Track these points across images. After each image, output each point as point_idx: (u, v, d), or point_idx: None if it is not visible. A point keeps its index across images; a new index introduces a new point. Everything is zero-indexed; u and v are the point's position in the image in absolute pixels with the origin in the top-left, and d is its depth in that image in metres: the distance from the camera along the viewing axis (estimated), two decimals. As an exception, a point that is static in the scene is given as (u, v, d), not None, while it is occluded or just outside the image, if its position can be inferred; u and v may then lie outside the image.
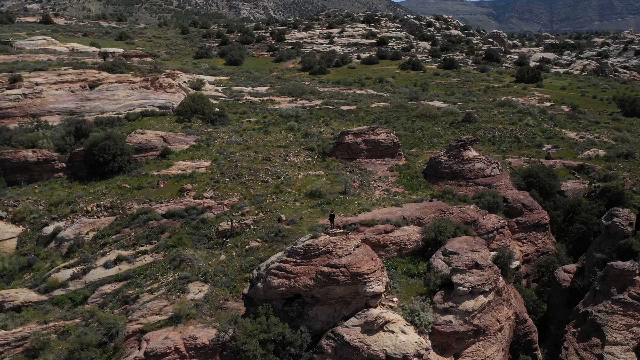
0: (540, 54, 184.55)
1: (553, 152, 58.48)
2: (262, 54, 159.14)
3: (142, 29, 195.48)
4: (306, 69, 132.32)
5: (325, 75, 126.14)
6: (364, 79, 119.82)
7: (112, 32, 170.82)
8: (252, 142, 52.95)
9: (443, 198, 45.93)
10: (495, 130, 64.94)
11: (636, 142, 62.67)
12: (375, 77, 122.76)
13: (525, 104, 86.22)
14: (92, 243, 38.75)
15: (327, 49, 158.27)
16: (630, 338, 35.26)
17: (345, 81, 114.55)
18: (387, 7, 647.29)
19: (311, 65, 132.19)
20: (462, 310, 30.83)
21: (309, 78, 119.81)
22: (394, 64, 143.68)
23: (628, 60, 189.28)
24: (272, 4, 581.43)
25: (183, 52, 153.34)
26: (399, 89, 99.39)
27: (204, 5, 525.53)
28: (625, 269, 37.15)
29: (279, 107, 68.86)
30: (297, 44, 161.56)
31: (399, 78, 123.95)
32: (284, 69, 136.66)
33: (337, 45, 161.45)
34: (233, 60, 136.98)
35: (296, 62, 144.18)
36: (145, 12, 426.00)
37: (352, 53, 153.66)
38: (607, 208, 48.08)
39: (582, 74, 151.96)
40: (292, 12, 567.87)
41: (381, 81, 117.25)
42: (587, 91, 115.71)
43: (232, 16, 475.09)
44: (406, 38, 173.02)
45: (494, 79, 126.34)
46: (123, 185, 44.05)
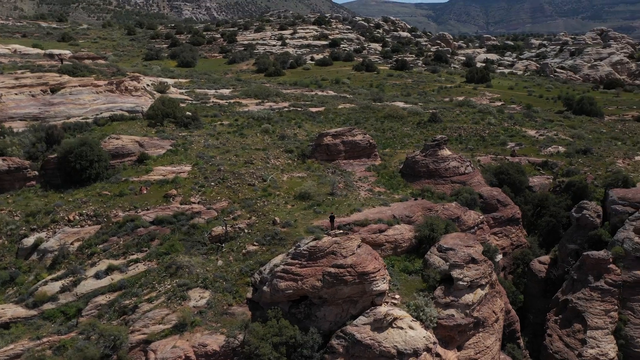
0: (484, 55, 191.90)
1: (517, 149, 61.34)
2: (215, 56, 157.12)
3: (85, 30, 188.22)
4: (261, 70, 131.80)
5: (281, 76, 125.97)
6: (321, 80, 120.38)
7: (53, 33, 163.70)
8: (230, 145, 52.51)
9: (422, 196, 47.29)
10: (460, 129, 67.31)
11: (590, 138, 66.67)
12: (331, 78, 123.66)
13: (479, 103, 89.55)
14: (78, 253, 37.38)
15: (280, 50, 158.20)
16: (609, 322, 37.74)
17: (302, 82, 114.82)
18: (330, 8, 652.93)
19: (266, 67, 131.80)
20: (463, 303, 32.06)
21: (265, 80, 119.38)
22: (347, 65, 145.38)
23: (564, 61, 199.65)
24: (215, 4, 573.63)
25: (131, 53, 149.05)
26: (357, 90, 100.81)
27: (145, 5, 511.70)
28: (600, 257, 39.65)
29: (248, 109, 68.48)
30: (249, 46, 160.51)
31: (354, 79, 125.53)
32: (239, 71, 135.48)
33: (290, 47, 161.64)
34: (185, 62, 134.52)
35: (250, 63, 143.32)
36: (82, 12, 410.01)
37: (306, 54, 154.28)
38: (573, 201, 51.10)
39: (525, 74, 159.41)
40: (235, 12, 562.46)
41: (337, 82, 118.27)
42: (533, 90, 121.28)
43: (174, 17, 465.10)
44: (357, 40, 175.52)
45: (446, 80, 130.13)
46: (103, 193, 42.67)
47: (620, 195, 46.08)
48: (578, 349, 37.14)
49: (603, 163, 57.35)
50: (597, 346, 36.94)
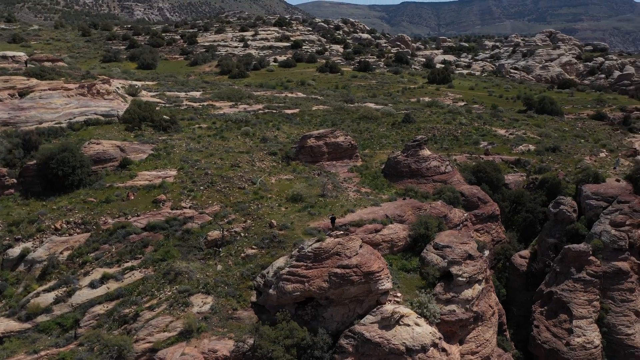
0: (441, 57, 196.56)
1: (490, 148, 63.38)
2: (175, 57, 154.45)
3: (36, 31, 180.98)
4: (224, 72, 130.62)
5: (245, 78, 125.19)
6: (286, 82, 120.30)
7: (2, 34, 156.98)
8: (213, 148, 52.01)
9: (407, 196, 48.26)
10: (434, 129, 68.94)
11: (557, 136, 69.62)
12: (296, 79, 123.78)
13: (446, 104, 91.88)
14: (69, 263, 36.24)
15: (242, 52, 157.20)
16: (593, 311, 39.70)
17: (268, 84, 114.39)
18: (285, 9, 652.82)
19: (229, 69, 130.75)
20: (463, 299, 33.07)
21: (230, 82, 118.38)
22: (311, 67, 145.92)
23: (517, 62, 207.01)
24: (168, 5, 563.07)
25: (87, 55, 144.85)
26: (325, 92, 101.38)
27: (94, 5, 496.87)
28: (581, 250, 41.64)
29: (223, 112, 67.91)
30: (211, 47, 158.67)
31: (319, 80, 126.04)
32: (201, 73, 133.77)
33: (253, 49, 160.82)
34: (146, 64, 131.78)
35: (212, 65, 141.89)
36: (28, 12, 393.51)
37: (269, 56, 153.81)
38: (548, 197, 53.36)
39: (482, 74, 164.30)
40: (189, 13, 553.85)
41: (303, 84, 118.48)
42: (493, 91, 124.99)
43: (126, 17, 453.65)
44: (319, 41, 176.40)
45: (408, 81, 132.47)
46: (89, 200, 41.49)
47: (593, 190, 48.46)
48: (565, 338, 38.94)
49: (572, 160, 60.08)
50: (583, 335, 38.84)
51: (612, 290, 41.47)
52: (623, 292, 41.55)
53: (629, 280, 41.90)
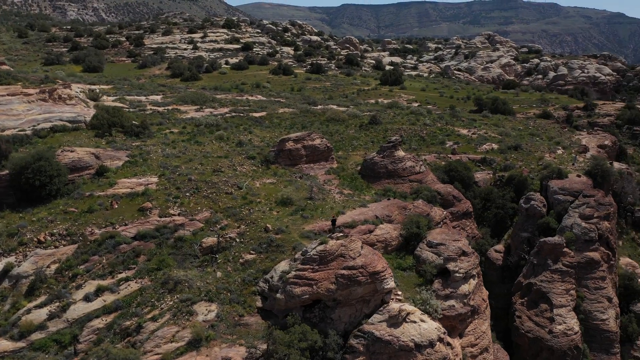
0: (389, 58, 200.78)
1: (456, 148, 65.73)
2: (122, 60, 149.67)
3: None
4: (176, 75, 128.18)
5: (198, 81, 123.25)
6: (240, 84, 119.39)
7: None
8: (190, 154, 51.17)
9: (386, 196, 49.42)
10: (401, 130, 70.68)
11: (515, 135, 73.05)
12: (250, 82, 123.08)
13: (405, 105, 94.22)
14: (58, 276, 34.75)
15: (192, 54, 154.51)
16: (570, 300, 42.17)
17: (223, 87, 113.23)
18: (226, 11, 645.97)
19: (181, 72, 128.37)
20: (461, 294, 34.38)
21: (183, 85, 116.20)
22: (263, 69, 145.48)
23: (460, 63, 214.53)
24: (103, 5, 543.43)
25: (27, 58, 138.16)
26: (282, 94, 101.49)
27: (23, 5, 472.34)
28: (556, 243, 44.13)
29: (190, 116, 66.83)
30: (159, 49, 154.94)
31: (274, 83, 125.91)
32: (152, 76, 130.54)
33: (202, 51, 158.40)
34: (92, 67, 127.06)
35: (163, 68, 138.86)
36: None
37: (220, 58, 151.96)
38: (516, 194, 56.07)
39: (430, 76, 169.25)
40: (125, 14, 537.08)
41: (258, 86, 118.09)
42: (444, 92, 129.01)
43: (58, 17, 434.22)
44: (269, 43, 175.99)
45: (362, 82, 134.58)
46: (70, 210, 39.88)
47: (560, 186, 51.38)
48: (548, 327, 41.17)
49: (533, 157, 63.34)
50: (563, 322, 41.22)
51: (586, 279, 44.27)
52: (596, 281, 44.46)
53: (601, 269, 44.86)
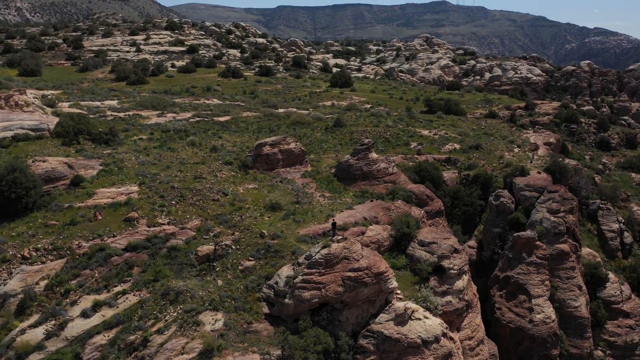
0: (333, 60, 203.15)
1: (421, 148, 67.88)
2: (61, 63, 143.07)
3: None
4: (121, 78, 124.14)
5: (146, 85, 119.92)
6: (191, 88, 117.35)
7: None
8: (166, 161, 50.09)
9: (363, 198, 50.49)
10: (365, 132, 72.08)
11: (473, 135, 76.25)
12: (200, 85, 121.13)
13: (363, 107, 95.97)
14: (49, 293, 33.21)
15: (136, 57, 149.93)
16: (546, 290, 44.81)
17: (172, 91, 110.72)
18: (159, 11, 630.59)
19: (127, 75, 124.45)
20: (456, 289, 35.85)
21: (130, 89, 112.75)
22: (212, 72, 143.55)
23: (401, 65, 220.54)
24: (27, 4, 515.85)
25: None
26: (235, 97, 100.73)
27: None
28: (530, 237, 46.74)
29: (154, 121, 65.28)
30: (100, 52, 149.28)
31: (225, 86, 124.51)
32: (95, 80, 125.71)
33: (147, 53, 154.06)
34: (29, 70, 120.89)
35: (106, 71, 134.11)
36: None
37: (165, 61, 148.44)
38: (482, 191, 58.69)
39: (376, 77, 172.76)
40: (52, 14, 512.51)
41: (209, 90, 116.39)
42: (393, 93, 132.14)
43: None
44: (214, 46, 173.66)
45: (312, 85, 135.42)
46: (50, 223, 38.12)
47: (525, 182, 54.34)
48: (528, 316, 43.56)
49: (494, 156, 66.48)
50: (542, 311, 43.74)
51: (558, 270, 47.14)
52: (567, 271, 47.43)
53: (570, 260, 47.90)
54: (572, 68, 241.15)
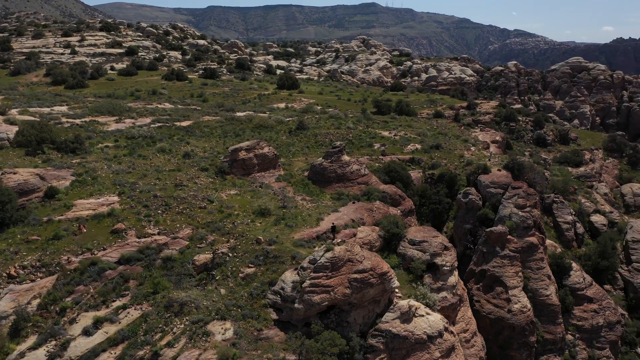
0: (275, 62, 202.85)
1: (385, 149, 69.62)
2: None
3: None
4: (58, 82, 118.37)
5: (86, 89, 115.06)
6: (135, 91, 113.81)
7: None
8: (141, 169, 48.66)
9: (340, 200, 51.40)
10: (329, 134, 72.99)
11: (430, 135, 79.01)
12: (144, 89, 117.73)
13: (321, 109, 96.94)
14: (43, 312, 31.61)
15: (71, 59, 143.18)
16: (520, 281, 47.50)
17: (116, 95, 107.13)
18: (83, 11, 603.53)
19: (64, 78, 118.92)
20: (450, 285, 37.42)
21: (70, 93, 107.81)
22: (154, 74, 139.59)
23: (342, 66, 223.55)
24: None
25: None
26: (185, 100, 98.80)
27: None
28: (502, 231, 49.35)
29: (114, 128, 63.09)
30: (32, 54, 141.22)
31: (170, 89, 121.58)
32: (29, 84, 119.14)
33: (83, 56, 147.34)
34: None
35: (40, 74, 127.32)
36: None
37: (104, 64, 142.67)
38: (448, 189, 61.11)
39: (320, 79, 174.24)
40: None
41: (155, 93, 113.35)
42: (340, 95, 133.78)
43: None
44: (154, 47, 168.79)
45: (259, 87, 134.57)
46: (32, 238, 36.17)
47: (490, 180, 57.21)
48: (506, 307, 46.02)
49: (454, 155, 69.33)
50: (519, 301, 46.34)
51: (528, 262, 50.06)
52: (537, 262, 50.45)
53: (539, 252, 51.00)
54: (500, 68, 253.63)
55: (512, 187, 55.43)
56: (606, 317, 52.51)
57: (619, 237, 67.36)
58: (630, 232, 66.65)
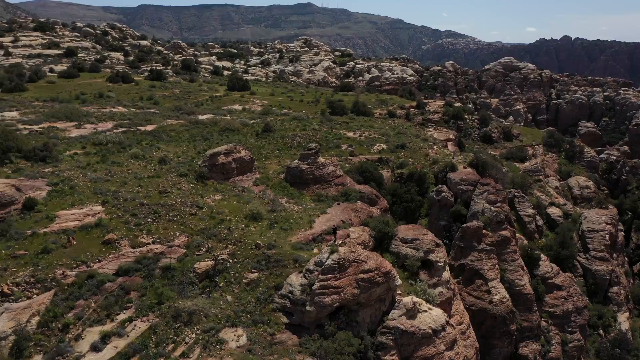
0: (220, 63, 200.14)
1: (353, 150, 70.75)
2: None
3: None
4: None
5: (26, 92, 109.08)
6: (80, 94, 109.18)
7: None
8: (119, 176, 47.11)
9: (319, 202, 52.03)
10: (296, 136, 73.29)
11: (392, 135, 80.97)
12: (90, 92, 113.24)
13: (280, 112, 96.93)
14: (45, 330, 30.14)
15: (5, 61, 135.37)
16: (497, 273, 49.88)
17: (60, 98, 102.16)
18: (4, 9, 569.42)
19: (1, 82, 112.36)
20: (445, 280, 38.90)
21: (8, 97, 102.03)
22: (97, 77, 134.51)
23: (286, 67, 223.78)
24: None
25: None
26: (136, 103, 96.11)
27: None
28: (477, 227, 51.61)
29: (77, 134, 60.64)
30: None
31: (117, 92, 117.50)
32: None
33: (18, 57, 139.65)
34: None
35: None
36: None
37: (42, 65, 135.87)
38: (418, 187, 63.05)
39: (268, 80, 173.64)
40: None
41: (102, 96, 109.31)
42: (292, 96, 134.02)
43: None
44: (94, 48, 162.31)
45: (209, 89, 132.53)
46: (19, 253, 34.36)
47: (460, 177, 59.59)
48: (487, 298, 48.19)
49: (420, 154, 71.51)
50: (498, 292, 48.66)
51: (503, 254, 52.63)
52: (511, 254, 53.13)
53: (512, 245, 53.73)
54: (439, 68, 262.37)
55: (481, 184, 58.07)
56: (574, 303, 56.22)
57: (574, 227, 72.11)
58: (585, 223, 71.55)
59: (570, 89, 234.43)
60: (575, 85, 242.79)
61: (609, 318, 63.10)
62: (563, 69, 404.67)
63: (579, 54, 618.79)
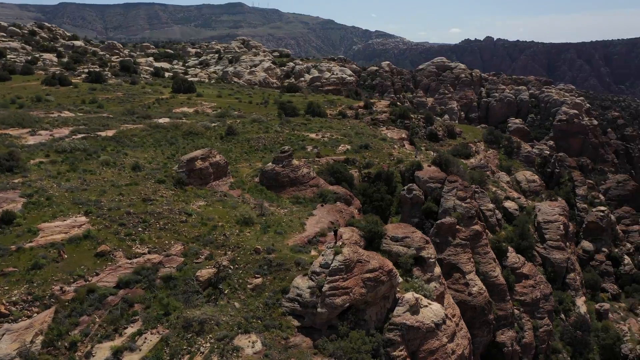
0: (158, 64, 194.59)
1: (319, 151, 71.44)
2: None
3: None
4: None
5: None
6: (16, 98, 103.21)
7: None
8: (95, 185, 45.22)
9: (298, 204, 52.46)
10: (260, 139, 73.02)
11: (353, 135, 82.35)
12: (26, 95, 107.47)
13: (238, 114, 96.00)
14: (51, 350, 28.68)
15: None
16: (472, 266, 52.26)
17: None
18: None
19: None
20: (437, 275, 40.47)
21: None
22: (31, 79, 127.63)
23: (226, 68, 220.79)
24: None
25: None
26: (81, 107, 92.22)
27: None
28: (451, 222, 53.83)
29: (35, 141, 57.53)
30: None
31: (56, 95, 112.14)
32: None
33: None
34: None
35: None
36: None
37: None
38: (387, 186, 64.75)
39: (212, 81, 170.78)
40: None
41: (39, 100, 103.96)
42: (240, 97, 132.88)
43: None
44: (23, 49, 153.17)
45: (154, 91, 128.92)
46: (9, 270, 32.36)
47: (428, 175, 61.77)
48: (466, 291, 50.40)
49: (384, 154, 73.30)
50: (475, 284, 50.99)
51: (476, 248, 55.13)
52: (483, 247, 55.74)
53: (484, 238, 56.36)
54: (375, 68, 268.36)
55: (449, 181, 60.51)
56: (541, 290, 59.87)
57: (530, 219, 76.58)
58: (539, 214, 76.21)
59: (499, 88, 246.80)
60: (502, 84, 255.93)
61: (569, 303, 67.79)
62: (487, 69, 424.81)
63: (501, 54, 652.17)
